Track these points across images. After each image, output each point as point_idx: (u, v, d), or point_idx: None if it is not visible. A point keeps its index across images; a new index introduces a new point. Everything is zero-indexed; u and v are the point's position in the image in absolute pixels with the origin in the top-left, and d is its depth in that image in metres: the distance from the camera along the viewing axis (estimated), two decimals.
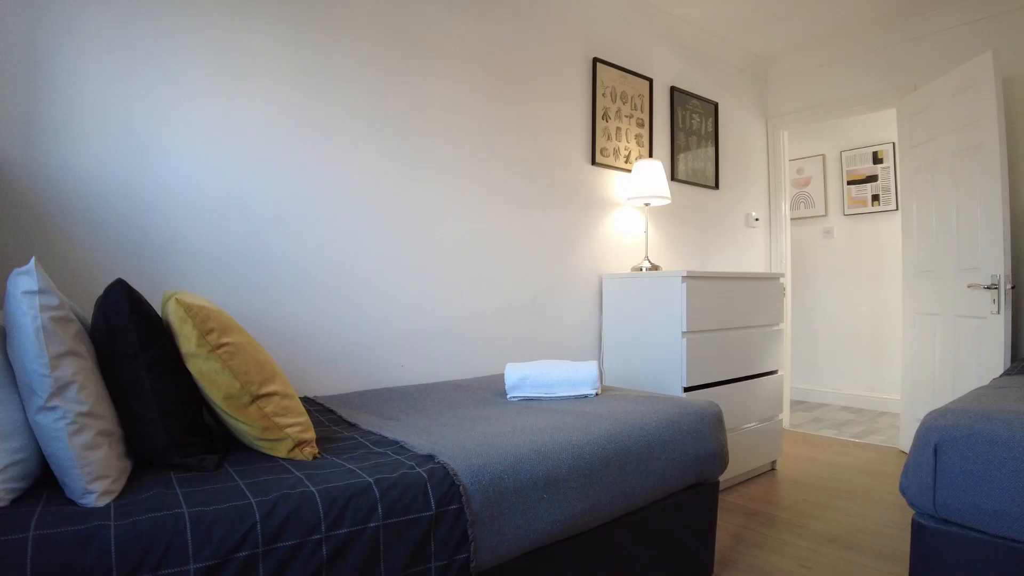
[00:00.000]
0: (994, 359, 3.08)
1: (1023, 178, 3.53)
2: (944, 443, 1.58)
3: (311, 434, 1.39)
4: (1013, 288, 3.44)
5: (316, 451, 1.39)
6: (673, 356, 2.87)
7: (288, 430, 1.35)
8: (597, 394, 2.12)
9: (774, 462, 3.49)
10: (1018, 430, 1.51)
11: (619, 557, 1.69)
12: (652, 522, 1.79)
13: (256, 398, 1.33)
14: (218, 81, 2.08)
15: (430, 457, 1.34)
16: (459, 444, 1.44)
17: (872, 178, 5.27)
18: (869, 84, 4.21)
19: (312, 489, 1.14)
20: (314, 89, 2.30)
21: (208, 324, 1.30)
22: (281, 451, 1.36)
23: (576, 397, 2.09)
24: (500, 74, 2.92)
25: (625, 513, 1.69)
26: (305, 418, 1.40)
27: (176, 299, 1.32)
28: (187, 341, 1.29)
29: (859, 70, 4.26)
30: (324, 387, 2.31)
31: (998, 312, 3.06)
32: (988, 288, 3.11)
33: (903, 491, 1.68)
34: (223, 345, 1.31)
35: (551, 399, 2.06)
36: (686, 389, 2.85)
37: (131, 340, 1.24)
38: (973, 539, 1.53)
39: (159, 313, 1.82)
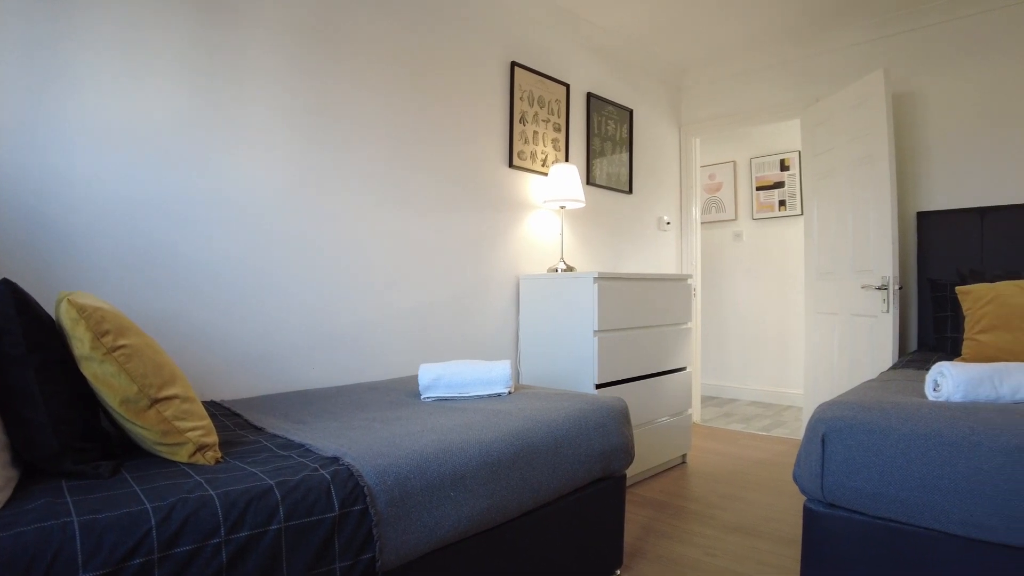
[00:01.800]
0: (884, 354, 3.30)
1: (909, 187, 3.81)
2: (830, 433, 1.70)
3: (213, 438, 1.37)
4: (901, 289, 3.70)
5: (218, 455, 1.37)
6: (586, 354, 2.95)
7: (189, 434, 1.33)
8: (510, 392, 2.16)
9: (684, 455, 3.63)
10: (894, 419, 1.64)
11: (529, 551, 1.73)
12: (561, 516, 1.84)
13: (155, 402, 1.29)
14: (125, 78, 2.00)
15: (335, 459, 1.35)
16: (366, 445, 1.44)
17: (779, 184, 5.54)
18: (776, 95, 4.44)
19: (212, 493, 1.12)
20: (226, 88, 2.25)
21: (103, 326, 1.27)
22: (182, 456, 1.33)
23: (489, 396, 2.12)
24: (417, 74, 2.92)
25: (534, 508, 1.74)
26: (207, 422, 1.38)
27: (69, 300, 1.27)
28: (80, 343, 1.25)
29: (767, 82, 4.48)
30: (232, 391, 2.26)
31: (888, 311, 3.28)
32: (879, 289, 3.34)
33: (796, 479, 1.80)
34: (119, 347, 1.27)
35: (464, 399, 2.09)
36: (598, 386, 2.93)
37: (18, 343, 1.19)
38: (856, 521, 1.65)
39: (51, 315, 1.74)
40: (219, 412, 1.89)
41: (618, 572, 2.17)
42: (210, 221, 2.21)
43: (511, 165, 3.39)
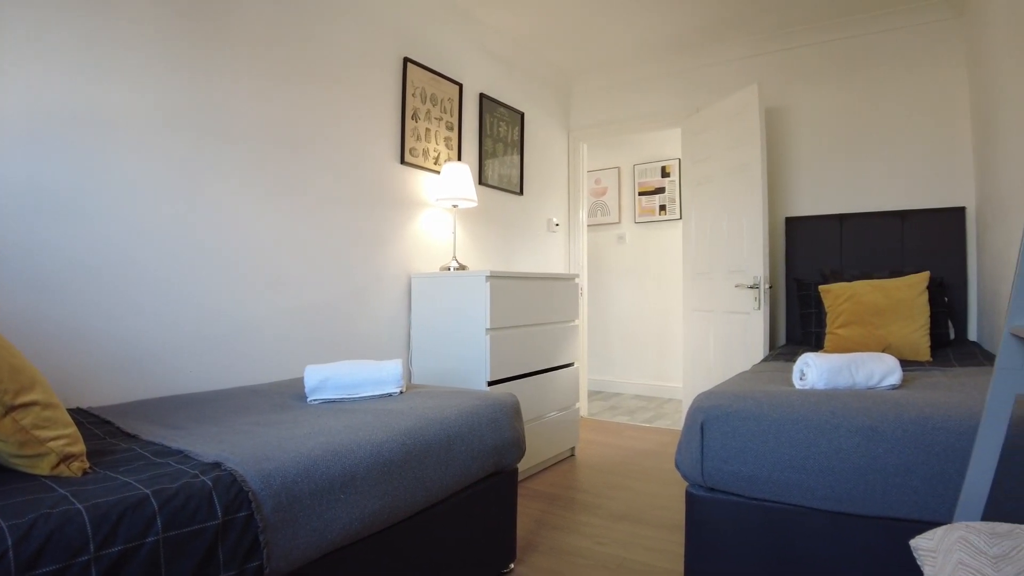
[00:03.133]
0: (756, 348, 3.53)
1: (779, 193, 4.10)
2: (708, 421, 1.80)
3: (80, 447, 1.26)
4: (770, 288, 3.97)
5: (86, 465, 1.26)
6: (478, 352, 2.97)
7: (51, 444, 1.22)
8: (402, 392, 2.14)
9: (573, 448, 3.73)
10: (765, 406, 1.76)
11: (423, 549, 1.72)
12: (454, 513, 1.84)
13: (10, 409, 1.18)
14: None
15: (216, 464, 1.28)
16: (249, 449, 1.38)
17: (660, 190, 5.81)
18: (659, 104, 4.64)
19: (79, 506, 1.04)
20: (96, 75, 2.07)
21: None
22: (43, 468, 1.22)
23: (380, 396, 2.08)
24: (304, 64, 2.82)
25: (427, 506, 1.72)
26: (72, 430, 1.27)
27: None
28: None
29: (651, 91, 4.68)
30: (101, 396, 2.09)
31: (759, 308, 3.51)
32: (751, 288, 3.56)
33: (678, 466, 1.88)
34: None
35: (354, 400, 2.04)
36: (490, 383, 2.96)
37: None
38: (734, 502, 1.76)
39: None
40: (87, 420, 1.75)
41: (512, 566, 2.19)
42: (76, 214, 2.04)
43: (403, 161, 3.35)
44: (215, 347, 2.45)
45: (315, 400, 2.02)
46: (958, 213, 3.47)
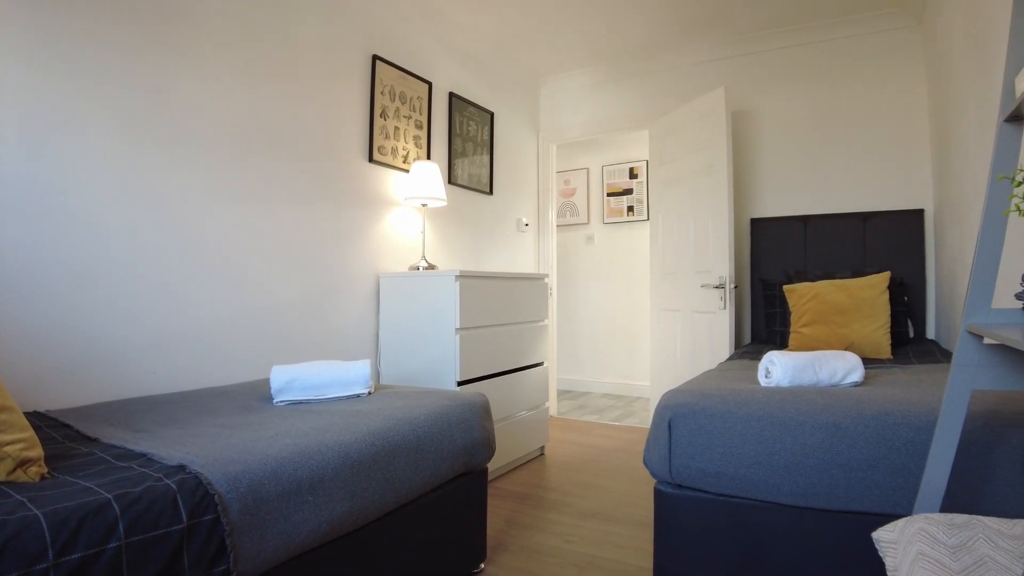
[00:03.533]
0: (722, 347, 3.58)
1: (745, 195, 4.16)
2: (676, 418, 1.82)
3: (37, 451, 1.22)
4: (736, 287, 4.03)
5: (44, 470, 1.23)
6: (447, 352, 2.96)
7: (7, 449, 1.18)
8: (370, 393, 2.12)
9: (543, 447, 3.74)
10: (731, 404, 1.78)
11: (393, 550, 1.71)
12: (424, 513, 1.83)
13: None
14: None
15: (181, 467, 1.25)
16: (215, 452, 1.35)
17: (628, 191, 5.86)
18: (627, 107, 4.68)
19: (36, 512, 1.01)
20: (56, 70, 2.01)
21: None
22: None
23: (348, 397, 2.06)
24: (271, 62, 2.78)
25: (396, 507, 1.71)
26: (29, 433, 1.23)
27: None
28: None
29: (620, 93, 4.71)
30: (59, 399, 2.03)
31: (724, 308, 3.56)
32: (717, 288, 3.61)
33: (646, 463, 1.90)
34: None
35: (321, 401, 2.02)
36: (460, 383, 2.95)
37: None
38: (702, 499, 1.78)
39: None
40: (45, 423, 1.70)
41: (482, 566, 2.19)
42: (34, 211, 1.97)
43: (371, 160, 3.32)
44: (178, 348, 2.40)
45: (281, 401, 2.00)
46: (917, 215, 3.56)
